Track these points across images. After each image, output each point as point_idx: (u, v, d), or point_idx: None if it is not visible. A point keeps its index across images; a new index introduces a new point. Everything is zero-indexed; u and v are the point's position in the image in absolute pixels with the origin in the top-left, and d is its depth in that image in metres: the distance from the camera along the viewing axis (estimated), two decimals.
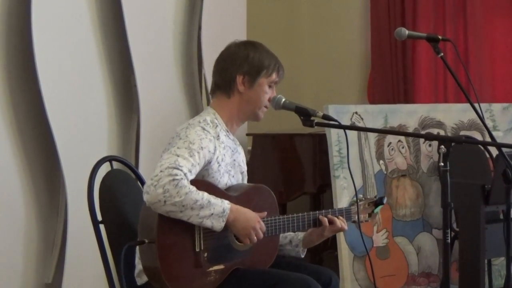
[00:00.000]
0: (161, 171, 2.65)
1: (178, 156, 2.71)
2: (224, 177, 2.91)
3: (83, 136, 4.11)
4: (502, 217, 4.15)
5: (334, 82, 5.89)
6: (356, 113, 4.59)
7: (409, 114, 4.73)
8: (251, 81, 2.94)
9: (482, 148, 4.55)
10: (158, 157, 2.81)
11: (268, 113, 3.04)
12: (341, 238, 4.41)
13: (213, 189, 2.81)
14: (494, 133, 4.42)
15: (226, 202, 2.75)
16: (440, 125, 4.78)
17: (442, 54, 3.12)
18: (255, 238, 2.79)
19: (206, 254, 2.78)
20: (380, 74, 5.63)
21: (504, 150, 3.05)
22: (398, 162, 4.67)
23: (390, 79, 5.56)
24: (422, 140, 4.71)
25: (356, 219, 3.09)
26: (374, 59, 5.68)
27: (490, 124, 4.77)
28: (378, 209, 3.16)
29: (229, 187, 2.93)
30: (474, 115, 3.37)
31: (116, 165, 3.19)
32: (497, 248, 4.04)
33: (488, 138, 3.32)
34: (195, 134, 2.80)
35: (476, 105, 3.14)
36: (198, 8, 4.82)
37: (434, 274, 4.66)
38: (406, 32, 3.19)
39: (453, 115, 4.80)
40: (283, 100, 2.93)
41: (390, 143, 4.66)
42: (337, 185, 4.42)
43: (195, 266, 2.76)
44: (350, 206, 3.10)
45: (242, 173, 3.07)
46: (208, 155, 2.81)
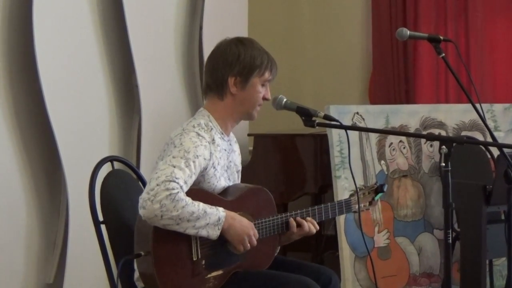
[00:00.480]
0: (157, 185, 2.61)
1: (174, 167, 2.66)
2: (220, 181, 2.89)
3: (84, 136, 4.11)
4: (503, 217, 4.15)
5: (336, 82, 5.89)
6: (357, 113, 4.59)
7: (410, 115, 4.73)
8: (244, 82, 2.88)
9: (484, 148, 4.55)
10: None
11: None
12: (342, 239, 4.41)
13: (208, 197, 2.79)
14: (495, 133, 4.42)
15: (221, 209, 2.72)
16: (441, 125, 4.77)
17: (443, 54, 3.13)
18: (249, 245, 2.77)
19: (204, 262, 2.76)
20: (381, 74, 5.62)
21: (505, 150, 3.05)
22: (400, 162, 4.66)
23: (392, 80, 5.56)
24: (423, 140, 4.71)
25: (356, 209, 3.06)
26: (375, 59, 5.68)
27: (491, 124, 4.77)
28: (379, 196, 3.15)
29: (225, 190, 2.91)
30: (475, 116, 3.36)
31: (117, 165, 3.19)
32: (498, 248, 4.03)
33: (489, 139, 3.32)
34: (190, 141, 2.75)
35: (477, 105, 3.14)
36: (199, 8, 4.83)
37: (436, 275, 4.66)
38: (408, 32, 3.20)
39: (454, 116, 4.80)
40: (284, 100, 2.89)
41: (392, 144, 4.65)
42: (338, 185, 4.42)
43: (193, 275, 2.74)
44: (350, 197, 3.09)
45: (238, 171, 3.04)
46: (203, 163, 2.77)
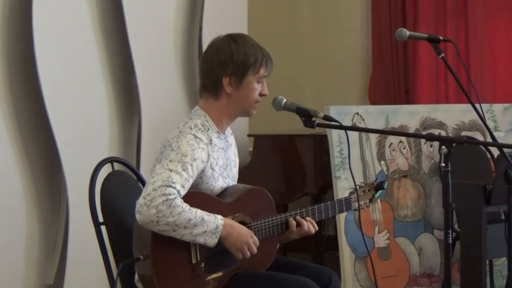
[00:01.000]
0: (154, 190, 2.60)
1: (171, 171, 2.64)
2: (218, 181, 2.87)
3: (84, 137, 4.11)
4: (503, 217, 4.14)
5: (335, 82, 5.89)
6: (357, 113, 4.59)
7: (410, 115, 4.73)
8: (238, 81, 2.85)
9: (483, 148, 4.55)
10: None
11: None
12: (342, 239, 4.41)
13: (206, 200, 2.77)
14: (495, 133, 4.41)
15: (219, 217, 2.70)
16: (441, 125, 4.77)
17: (443, 54, 3.13)
18: (248, 253, 2.76)
19: (203, 264, 2.75)
20: (381, 75, 5.63)
21: (505, 150, 3.05)
22: (399, 162, 4.66)
23: (391, 80, 5.56)
24: (423, 140, 4.70)
25: (356, 207, 3.05)
26: (375, 60, 5.68)
27: (491, 124, 4.76)
28: (379, 193, 3.15)
29: (224, 191, 2.89)
30: (475, 116, 3.36)
31: (117, 166, 3.19)
32: (498, 248, 4.03)
33: (489, 139, 3.32)
34: (187, 144, 2.73)
35: (477, 105, 3.14)
36: (199, 9, 4.82)
37: (436, 275, 4.65)
38: (407, 32, 3.20)
39: (454, 116, 4.80)
40: (284, 101, 2.88)
41: (391, 144, 4.65)
42: (338, 185, 4.42)
43: (193, 278, 2.73)
44: (350, 195, 3.08)
45: (235, 167, 3.03)
46: (201, 165, 2.76)
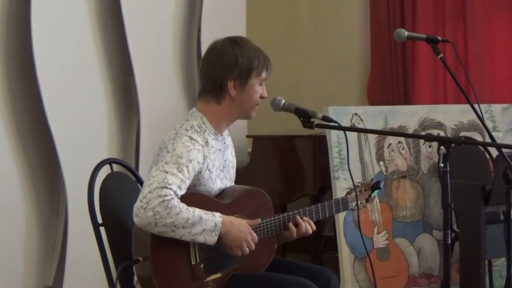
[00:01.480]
0: (150, 192, 2.60)
1: (167, 173, 2.65)
2: (216, 182, 2.87)
3: (83, 138, 4.11)
4: (502, 217, 4.15)
5: (334, 83, 5.89)
6: (356, 114, 4.59)
7: (409, 115, 4.73)
8: (243, 84, 2.86)
9: (482, 148, 4.55)
10: None
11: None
12: (341, 240, 4.40)
13: (204, 201, 2.77)
14: (494, 133, 4.42)
15: (217, 215, 2.70)
16: (440, 126, 4.77)
17: (441, 55, 3.13)
18: (247, 249, 2.76)
19: (202, 266, 2.75)
20: (380, 75, 5.63)
21: (504, 150, 3.05)
22: (398, 163, 4.66)
23: (390, 80, 5.56)
24: (422, 141, 4.71)
25: (353, 207, 3.07)
26: (373, 60, 5.68)
27: (490, 124, 4.76)
28: (375, 193, 3.16)
29: (222, 192, 2.90)
30: (474, 116, 3.36)
31: (116, 167, 3.19)
32: (497, 248, 4.03)
33: (488, 139, 3.32)
34: (183, 146, 2.73)
35: (476, 106, 3.14)
36: (198, 10, 4.83)
37: (435, 275, 4.66)
38: (406, 33, 3.20)
39: (453, 116, 4.80)
40: (283, 101, 2.88)
41: (390, 144, 4.65)
42: (337, 186, 4.42)
43: (192, 279, 2.73)
44: (347, 195, 3.08)
45: (233, 167, 3.03)
46: (197, 167, 2.76)
